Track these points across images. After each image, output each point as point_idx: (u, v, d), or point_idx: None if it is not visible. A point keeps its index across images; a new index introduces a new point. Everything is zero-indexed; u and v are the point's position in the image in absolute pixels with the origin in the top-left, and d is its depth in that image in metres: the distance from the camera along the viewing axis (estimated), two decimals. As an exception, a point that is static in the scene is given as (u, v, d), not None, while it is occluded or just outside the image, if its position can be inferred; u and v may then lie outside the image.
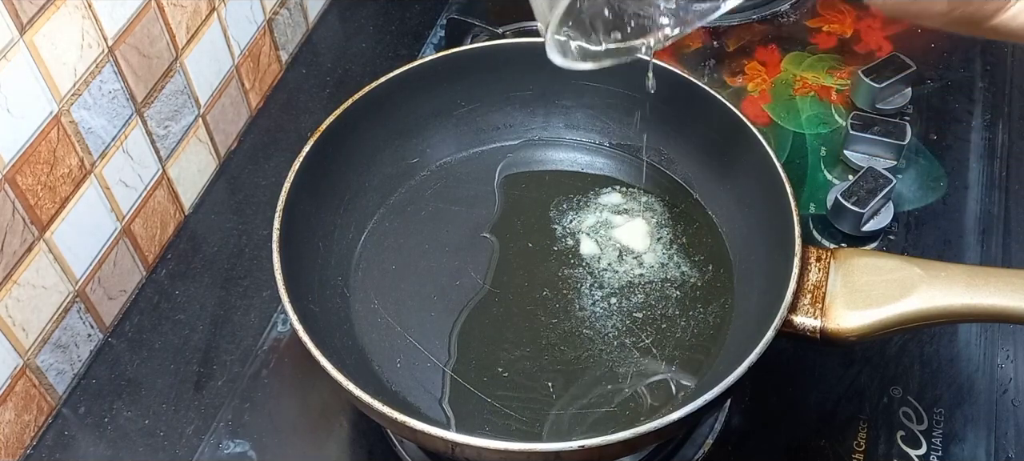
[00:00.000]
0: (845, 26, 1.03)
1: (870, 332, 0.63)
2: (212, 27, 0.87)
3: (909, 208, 0.87)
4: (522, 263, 0.77)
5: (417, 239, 0.78)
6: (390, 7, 1.09)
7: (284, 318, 0.81)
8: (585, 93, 0.82)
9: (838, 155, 0.90)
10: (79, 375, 0.79)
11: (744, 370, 0.59)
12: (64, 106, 0.72)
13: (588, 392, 0.69)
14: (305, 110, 0.98)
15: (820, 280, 0.65)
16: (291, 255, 0.67)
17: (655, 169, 0.82)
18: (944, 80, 0.97)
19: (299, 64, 1.03)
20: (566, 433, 0.67)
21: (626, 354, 0.71)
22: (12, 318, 0.71)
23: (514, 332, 0.72)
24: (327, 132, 0.73)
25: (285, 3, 0.99)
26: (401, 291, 0.75)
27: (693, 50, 1.01)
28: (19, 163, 0.69)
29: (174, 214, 0.88)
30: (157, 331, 0.82)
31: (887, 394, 0.75)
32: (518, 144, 0.84)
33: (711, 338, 0.71)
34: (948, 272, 0.63)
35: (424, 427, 0.58)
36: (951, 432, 0.73)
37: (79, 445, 0.75)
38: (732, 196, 0.77)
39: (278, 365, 0.78)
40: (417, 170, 0.82)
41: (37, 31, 0.68)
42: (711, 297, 0.74)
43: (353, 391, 0.59)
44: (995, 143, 0.91)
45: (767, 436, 0.74)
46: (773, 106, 0.95)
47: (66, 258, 0.75)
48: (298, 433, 0.75)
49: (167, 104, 0.83)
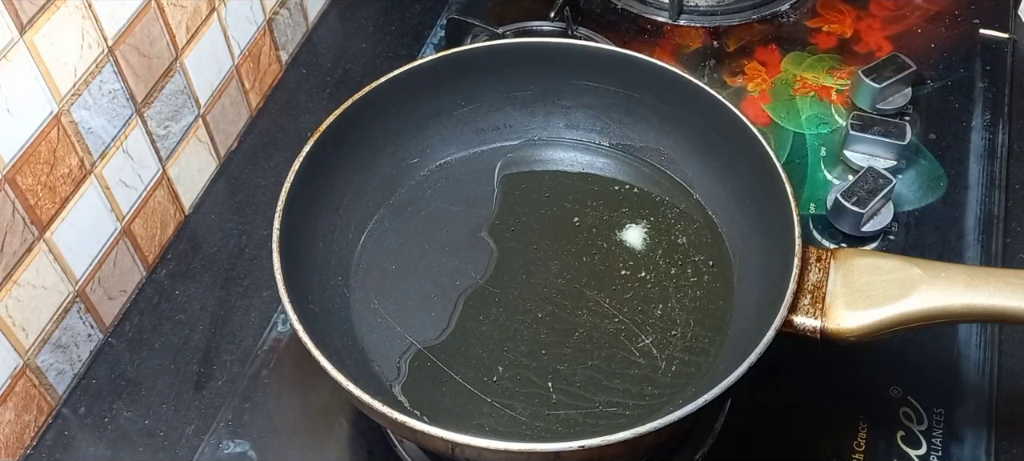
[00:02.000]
0: (845, 26, 1.03)
1: (870, 332, 0.63)
2: (212, 27, 0.87)
3: (909, 208, 0.87)
4: (522, 263, 0.77)
5: (417, 239, 0.78)
6: (390, 7, 1.09)
7: (284, 318, 0.81)
8: (585, 93, 0.82)
9: (838, 155, 0.90)
10: (79, 375, 0.79)
11: (744, 370, 0.59)
12: (64, 106, 0.72)
13: (588, 392, 0.69)
14: (305, 110, 0.98)
15: (820, 280, 0.65)
16: (291, 255, 0.67)
17: (655, 169, 0.82)
18: (944, 80, 0.97)
19: (299, 64, 1.03)
20: (566, 433, 0.67)
21: (626, 354, 0.71)
22: (12, 318, 0.71)
23: (514, 332, 0.72)
24: (327, 132, 0.73)
25: (285, 3, 0.99)
26: (401, 291, 0.75)
27: (693, 50, 1.01)
28: (19, 163, 0.69)
29: (174, 214, 0.88)
30: (157, 331, 0.82)
31: (887, 394, 0.75)
32: (518, 144, 0.84)
33: (711, 338, 0.71)
34: (948, 272, 0.63)
35: (424, 427, 0.58)
36: (951, 432, 0.73)
37: (79, 445, 0.75)
38: (732, 196, 0.77)
39: (278, 365, 0.78)
40: (417, 170, 0.82)
41: (37, 31, 0.68)
42: (711, 297, 0.74)
43: (353, 391, 0.59)
44: (995, 143, 0.91)
45: (767, 436, 0.74)
46: (773, 106, 0.95)
47: (66, 258, 0.75)
48: (298, 433, 0.75)
49: (167, 104, 0.83)
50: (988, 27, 1.02)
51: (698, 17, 1.05)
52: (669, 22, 1.04)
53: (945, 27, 1.02)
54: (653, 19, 1.05)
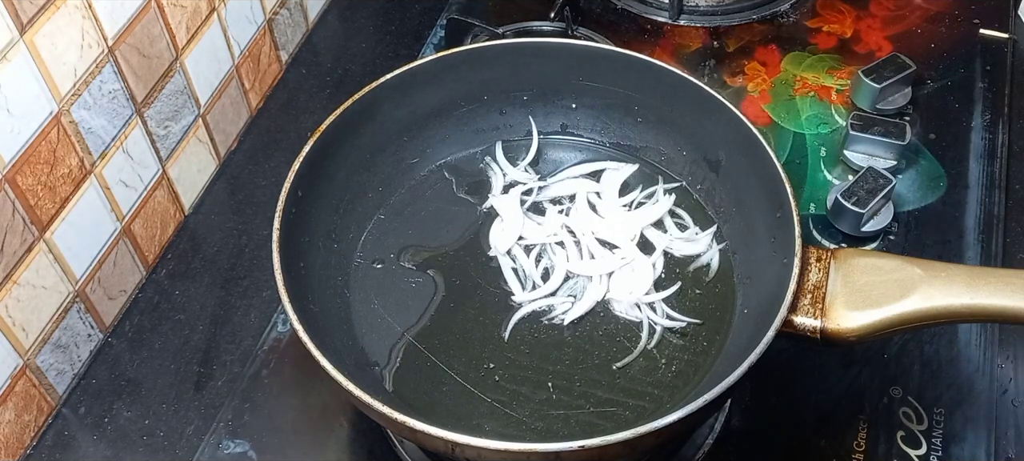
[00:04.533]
0: (845, 26, 1.03)
1: (870, 332, 0.63)
2: (212, 27, 0.87)
3: (909, 208, 0.87)
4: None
5: (417, 239, 0.78)
6: (390, 7, 1.09)
7: (284, 318, 0.80)
8: (585, 93, 0.82)
9: (838, 155, 0.90)
10: (79, 375, 0.79)
11: (744, 370, 0.59)
12: (64, 106, 0.72)
13: (589, 392, 0.69)
14: (305, 110, 0.98)
15: (820, 280, 0.65)
16: (291, 255, 0.67)
17: (655, 169, 0.82)
18: (944, 80, 0.97)
19: (299, 64, 1.03)
20: (566, 433, 0.67)
21: (626, 354, 0.71)
22: (12, 318, 0.71)
23: (514, 332, 0.72)
24: (327, 132, 0.73)
25: (285, 3, 0.99)
26: (401, 291, 0.75)
27: (693, 50, 1.01)
28: (19, 163, 0.69)
29: (174, 214, 0.88)
30: (157, 331, 0.82)
31: (887, 394, 0.75)
32: (518, 144, 0.84)
33: (711, 339, 0.71)
34: (948, 272, 0.63)
35: (424, 427, 0.58)
36: (951, 432, 0.73)
37: (79, 445, 0.75)
38: (732, 196, 0.77)
39: (278, 365, 0.78)
40: (417, 170, 0.82)
41: (37, 31, 0.68)
42: (711, 297, 0.74)
43: (353, 391, 0.59)
44: (995, 143, 0.91)
45: (767, 436, 0.74)
46: (773, 106, 0.95)
47: (66, 258, 0.75)
48: (298, 433, 0.75)
49: (167, 104, 0.83)
50: (988, 27, 1.02)
51: (698, 17, 1.05)
52: (669, 22, 1.04)
53: (945, 27, 1.02)
54: (653, 19, 1.05)
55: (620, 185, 0.80)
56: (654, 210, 0.78)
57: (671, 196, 0.79)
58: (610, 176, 0.80)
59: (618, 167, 0.81)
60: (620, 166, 0.81)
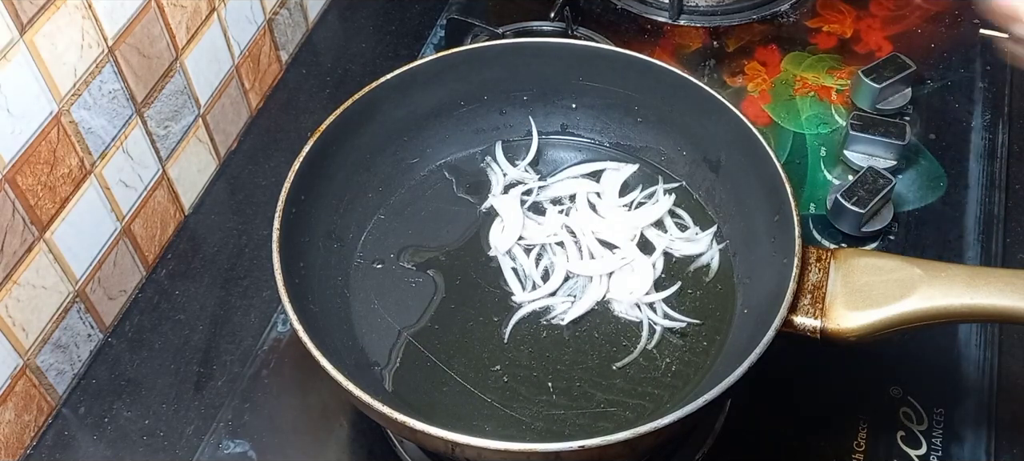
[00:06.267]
0: (845, 26, 1.03)
1: (870, 332, 0.64)
2: (212, 27, 0.87)
3: (909, 208, 0.87)
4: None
5: (417, 239, 0.78)
6: (390, 7, 1.09)
7: (284, 318, 0.81)
8: (585, 93, 0.82)
9: (838, 155, 0.90)
10: (79, 375, 0.79)
11: (744, 370, 0.59)
12: (64, 106, 0.72)
13: (588, 392, 0.69)
14: (305, 110, 0.98)
15: (820, 280, 0.65)
16: (291, 255, 0.67)
17: (655, 169, 0.82)
18: (944, 80, 0.97)
19: (299, 64, 1.03)
20: (566, 433, 0.67)
21: (626, 354, 0.71)
22: (12, 318, 0.71)
23: (514, 332, 0.72)
24: (327, 132, 0.73)
25: (285, 3, 0.99)
26: (401, 291, 0.75)
27: (693, 50, 1.01)
28: (19, 163, 0.69)
29: (174, 214, 0.88)
30: (157, 331, 0.82)
31: (887, 394, 0.75)
32: (518, 144, 0.84)
33: (711, 338, 0.71)
34: (948, 272, 0.63)
35: (424, 427, 0.58)
36: (951, 432, 0.73)
37: (79, 445, 0.75)
38: (732, 196, 0.77)
39: (278, 365, 0.78)
40: (417, 170, 0.82)
41: (37, 31, 0.68)
42: (711, 297, 0.74)
43: (353, 391, 0.59)
44: (995, 143, 0.91)
45: (767, 436, 0.74)
46: (773, 106, 0.95)
47: (66, 258, 0.75)
48: (298, 433, 0.75)
49: (167, 104, 0.83)
50: (988, 27, 1.02)
51: (698, 17, 1.05)
52: (669, 22, 1.04)
53: (945, 27, 1.02)
54: (653, 19, 1.05)
55: (620, 185, 0.80)
56: (654, 210, 0.78)
57: (671, 196, 0.79)
58: (610, 176, 0.80)
59: (618, 167, 0.81)
60: (620, 166, 0.81)
